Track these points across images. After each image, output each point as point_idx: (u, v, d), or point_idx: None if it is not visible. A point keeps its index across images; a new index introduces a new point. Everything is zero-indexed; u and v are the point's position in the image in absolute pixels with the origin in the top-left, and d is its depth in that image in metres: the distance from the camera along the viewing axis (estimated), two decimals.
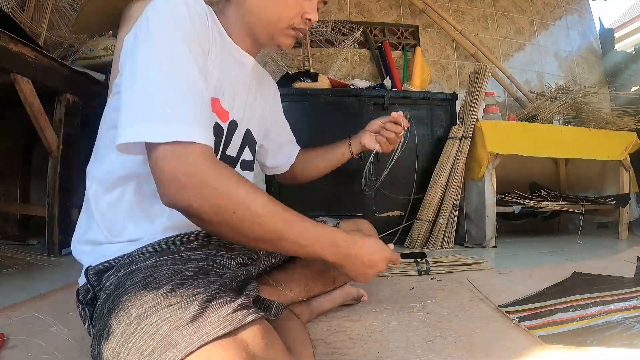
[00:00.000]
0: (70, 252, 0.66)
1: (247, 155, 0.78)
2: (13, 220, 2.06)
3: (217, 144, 0.66)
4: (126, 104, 0.49)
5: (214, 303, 0.45)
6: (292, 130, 1.00)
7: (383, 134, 0.94)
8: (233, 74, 0.68)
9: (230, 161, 0.73)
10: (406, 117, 0.94)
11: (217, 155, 0.68)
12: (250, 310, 0.45)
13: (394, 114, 0.92)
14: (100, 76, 1.79)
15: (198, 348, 0.40)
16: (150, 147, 0.48)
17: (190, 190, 0.46)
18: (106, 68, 1.78)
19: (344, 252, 0.61)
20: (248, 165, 0.79)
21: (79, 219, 0.66)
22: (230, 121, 0.69)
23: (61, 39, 2.01)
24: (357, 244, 0.62)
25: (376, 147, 0.96)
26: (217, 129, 0.65)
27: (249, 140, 0.77)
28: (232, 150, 0.72)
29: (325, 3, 0.75)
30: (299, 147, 1.00)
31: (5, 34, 1.25)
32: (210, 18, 0.62)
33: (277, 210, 0.52)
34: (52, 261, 1.45)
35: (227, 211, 0.48)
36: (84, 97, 1.63)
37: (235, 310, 0.44)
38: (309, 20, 0.69)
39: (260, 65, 0.84)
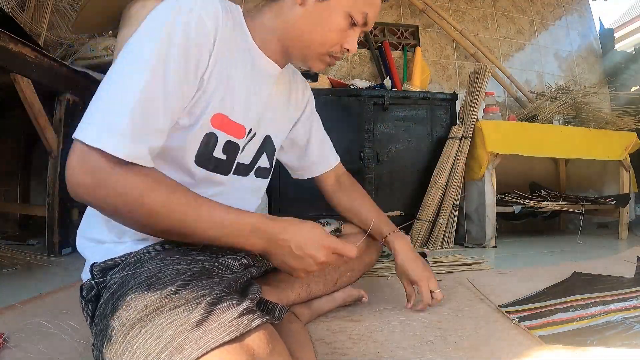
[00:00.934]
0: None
1: (263, 162, 0.75)
2: (13, 220, 2.06)
3: (231, 161, 0.65)
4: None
5: (219, 306, 0.44)
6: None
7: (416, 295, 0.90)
8: (253, 84, 0.65)
9: (244, 169, 0.71)
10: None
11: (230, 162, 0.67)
12: (256, 315, 0.44)
13: (438, 296, 0.88)
14: (100, 76, 1.79)
15: (205, 354, 0.39)
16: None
17: (86, 189, 0.47)
18: (106, 68, 1.77)
19: (267, 239, 0.55)
20: (264, 173, 0.77)
21: (85, 214, 0.65)
22: (249, 135, 0.67)
23: (61, 39, 2.01)
24: (287, 231, 0.56)
25: (412, 298, 0.91)
26: (230, 146, 0.63)
27: (267, 146, 0.74)
28: (245, 158, 0.70)
29: (365, 33, 0.74)
30: (335, 163, 0.95)
31: (5, 34, 1.25)
32: (223, 29, 0.58)
33: (179, 204, 0.50)
34: (52, 261, 1.45)
35: (124, 211, 0.48)
36: (84, 97, 1.63)
37: (241, 315, 0.43)
38: (347, 50, 0.66)
39: (292, 73, 0.81)
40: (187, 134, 0.58)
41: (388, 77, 2.42)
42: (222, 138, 0.62)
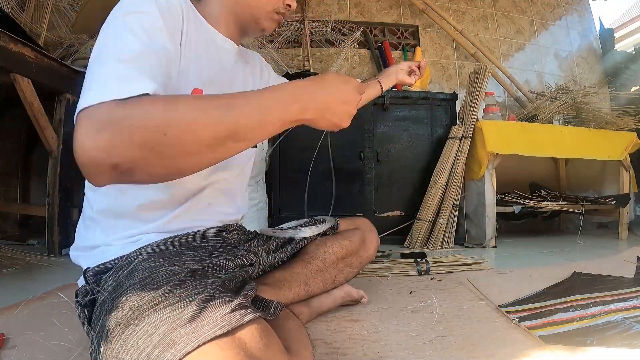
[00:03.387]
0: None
1: None
2: (13, 220, 2.06)
3: None
4: None
5: (212, 303, 0.45)
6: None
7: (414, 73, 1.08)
8: (217, 62, 0.68)
9: None
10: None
11: None
12: (249, 310, 0.45)
13: (422, 62, 1.08)
14: None
15: (196, 348, 0.40)
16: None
17: (106, 149, 0.38)
18: None
19: (311, 101, 0.51)
20: None
21: (76, 230, 0.66)
22: None
23: (61, 39, 2.02)
24: (323, 86, 0.53)
25: (414, 82, 1.09)
26: None
27: None
28: None
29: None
30: None
31: (5, 34, 1.25)
32: (186, 9, 0.61)
33: (210, 101, 0.44)
34: (52, 261, 1.45)
35: (155, 139, 0.39)
36: None
37: (233, 310, 0.44)
38: (289, 6, 0.71)
39: (245, 48, 0.84)
40: None
41: None
42: None
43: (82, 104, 0.41)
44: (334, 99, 0.53)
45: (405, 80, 1.07)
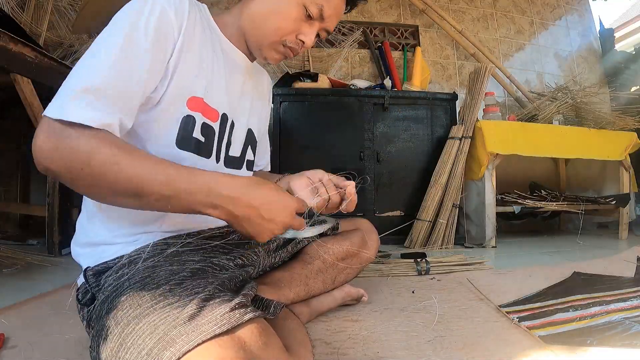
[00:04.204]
0: (70, 252, 0.66)
1: (250, 155, 0.77)
2: (13, 220, 2.07)
3: (210, 143, 0.65)
4: None
5: (211, 302, 0.45)
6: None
7: (324, 194, 0.70)
8: (226, 73, 0.67)
9: (236, 162, 0.72)
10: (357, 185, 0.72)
11: (219, 154, 0.67)
12: (248, 309, 0.45)
13: (348, 187, 0.70)
14: None
15: (196, 346, 0.40)
16: None
17: (42, 153, 0.46)
18: None
19: (227, 202, 0.49)
20: (251, 166, 0.79)
21: (77, 222, 0.66)
22: (222, 120, 0.68)
23: (61, 39, 2.01)
24: (249, 193, 0.50)
25: (311, 204, 0.70)
26: (207, 129, 0.64)
27: (251, 140, 0.77)
28: (235, 151, 0.72)
29: (328, 33, 0.72)
30: (267, 167, 0.93)
31: (5, 34, 1.25)
32: (193, 17, 0.60)
33: (129, 160, 0.47)
34: (52, 261, 1.45)
35: (75, 171, 0.46)
36: None
37: (232, 309, 0.44)
38: (302, 42, 0.67)
39: (260, 67, 0.84)
40: (166, 118, 0.58)
41: (388, 77, 2.42)
42: (199, 120, 0.62)
43: (51, 107, 0.47)
44: (256, 212, 0.51)
45: (303, 196, 0.70)
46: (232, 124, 0.70)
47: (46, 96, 1.49)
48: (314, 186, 0.72)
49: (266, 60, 0.69)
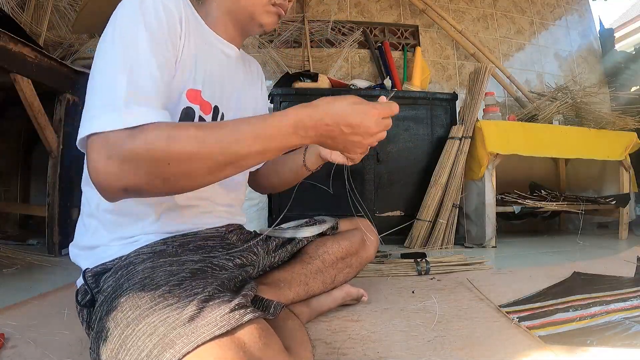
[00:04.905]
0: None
1: None
2: (13, 220, 2.07)
3: None
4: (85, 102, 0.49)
5: (211, 303, 0.44)
6: None
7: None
8: (216, 65, 0.67)
9: None
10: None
11: None
12: (248, 310, 0.45)
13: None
14: None
15: (195, 348, 0.40)
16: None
17: (115, 175, 0.44)
18: None
19: (314, 133, 0.50)
20: None
21: (77, 225, 0.66)
22: (214, 113, 0.68)
23: (61, 39, 2.02)
24: (328, 115, 0.50)
25: (343, 161, 0.73)
26: (202, 122, 0.64)
27: None
28: None
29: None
30: None
31: (5, 34, 1.25)
32: (185, 10, 0.61)
33: (211, 133, 0.46)
34: (52, 261, 1.45)
35: (161, 170, 0.44)
36: (84, 97, 1.63)
37: (232, 310, 0.44)
38: None
39: (246, 53, 0.83)
40: (169, 110, 0.58)
41: (388, 77, 2.42)
42: (197, 112, 0.62)
43: (93, 126, 0.45)
44: (338, 129, 0.51)
45: (333, 158, 0.76)
46: (222, 117, 0.70)
47: (46, 96, 1.49)
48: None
49: (263, 27, 0.69)
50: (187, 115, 0.61)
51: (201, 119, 0.63)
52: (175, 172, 0.45)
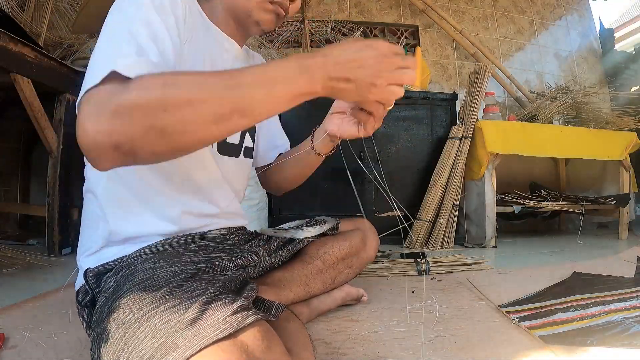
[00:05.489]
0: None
1: (248, 142, 0.77)
2: (13, 220, 2.06)
3: None
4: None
5: (213, 305, 0.44)
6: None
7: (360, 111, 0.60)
8: (218, 60, 0.67)
9: (234, 149, 0.73)
10: None
11: (217, 144, 0.68)
12: (250, 312, 0.44)
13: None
14: None
15: (198, 351, 0.39)
16: None
17: (107, 132, 0.39)
18: None
19: (322, 73, 0.45)
20: (249, 152, 0.79)
21: (80, 235, 0.65)
22: None
23: (61, 39, 2.01)
24: (334, 55, 0.46)
25: (356, 132, 0.67)
26: None
27: (250, 127, 0.74)
28: (233, 138, 0.72)
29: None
30: (287, 147, 0.90)
31: (5, 34, 1.25)
32: (189, 5, 0.60)
33: (212, 78, 0.42)
34: (52, 261, 1.45)
35: (160, 120, 0.39)
36: None
37: (234, 312, 0.43)
38: None
39: (250, 49, 0.82)
40: None
41: None
42: None
43: (83, 87, 0.43)
44: (347, 67, 0.46)
45: (343, 132, 0.69)
46: None
47: (46, 96, 1.49)
48: (346, 117, 0.69)
49: (260, 25, 0.66)
50: None
51: None
52: (173, 122, 0.40)
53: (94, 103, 0.40)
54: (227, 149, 0.71)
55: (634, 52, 3.12)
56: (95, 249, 0.61)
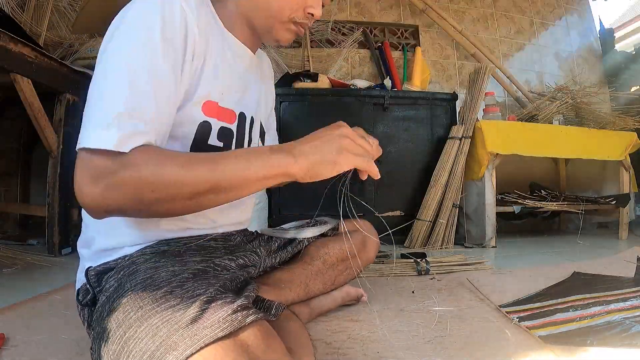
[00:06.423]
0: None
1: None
2: (13, 220, 2.06)
3: (228, 145, 0.64)
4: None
5: (213, 304, 0.44)
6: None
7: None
8: (235, 70, 0.66)
9: None
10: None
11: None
12: (250, 311, 0.45)
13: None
14: None
15: (198, 350, 0.39)
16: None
17: (99, 199, 0.45)
18: None
19: (291, 149, 0.52)
20: None
21: (81, 234, 0.65)
22: (240, 119, 0.66)
23: (61, 39, 2.01)
24: (300, 151, 0.52)
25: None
26: (225, 131, 0.63)
27: (262, 132, 0.77)
28: (254, 146, 0.73)
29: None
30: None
31: (5, 34, 1.25)
32: (205, 12, 0.59)
33: (197, 160, 0.48)
34: (52, 261, 1.45)
35: (147, 198, 0.45)
36: (84, 97, 1.63)
37: (235, 312, 0.43)
38: (312, 15, 0.63)
39: (261, 55, 0.81)
40: (180, 126, 0.57)
41: (388, 77, 2.42)
42: (215, 125, 0.61)
43: (83, 139, 0.46)
44: (318, 140, 0.54)
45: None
46: (252, 121, 0.70)
47: (46, 96, 1.49)
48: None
49: (278, 42, 0.66)
50: (202, 131, 0.60)
51: (224, 128, 0.63)
52: (158, 198, 0.46)
53: (89, 171, 0.45)
54: None
55: (634, 52, 3.12)
56: (96, 248, 0.61)
